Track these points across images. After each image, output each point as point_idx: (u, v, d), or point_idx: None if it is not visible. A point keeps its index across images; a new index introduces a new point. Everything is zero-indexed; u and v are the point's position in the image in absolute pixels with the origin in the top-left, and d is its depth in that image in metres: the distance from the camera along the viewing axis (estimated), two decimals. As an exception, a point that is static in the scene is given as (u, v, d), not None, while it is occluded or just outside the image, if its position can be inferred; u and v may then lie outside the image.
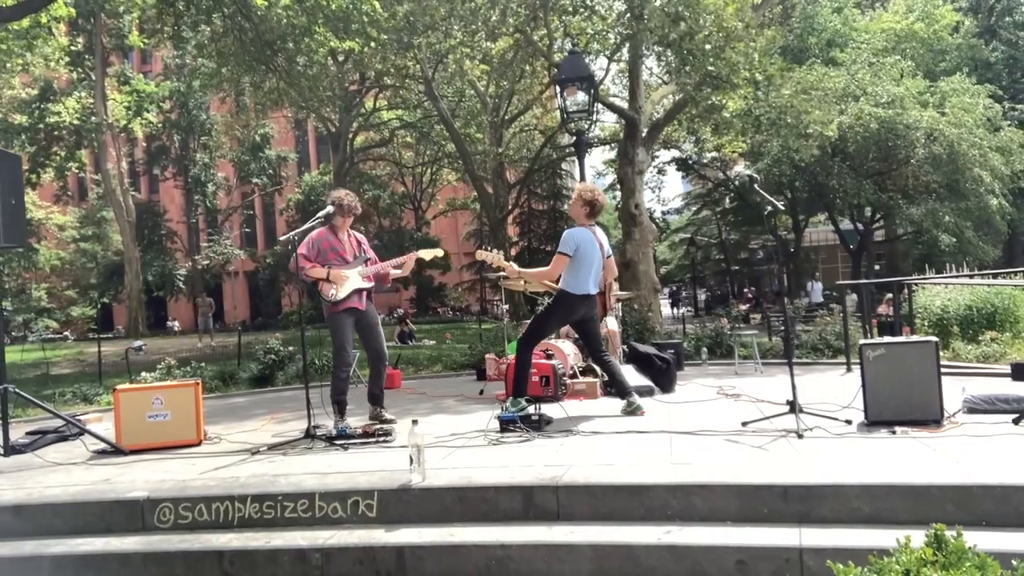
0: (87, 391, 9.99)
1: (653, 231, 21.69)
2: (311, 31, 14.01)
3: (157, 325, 37.83)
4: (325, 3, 13.23)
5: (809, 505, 3.36)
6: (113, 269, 36.83)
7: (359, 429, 5.19)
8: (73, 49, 26.08)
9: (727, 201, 36.14)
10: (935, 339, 4.61)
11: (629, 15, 12.44)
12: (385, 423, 5.49)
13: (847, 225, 29.10)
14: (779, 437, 4.34)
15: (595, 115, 10.31)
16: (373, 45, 15.18)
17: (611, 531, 3.41)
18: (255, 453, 4.88)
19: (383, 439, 5.02)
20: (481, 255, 6.19)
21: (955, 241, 22.92)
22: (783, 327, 9.55)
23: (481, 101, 23.27)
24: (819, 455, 3.90)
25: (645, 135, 14.31)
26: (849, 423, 4.54)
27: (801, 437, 4.28)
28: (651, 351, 7.25)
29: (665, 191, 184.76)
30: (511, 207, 28.24)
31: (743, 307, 25.16)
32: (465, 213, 39.91)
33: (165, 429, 5.32)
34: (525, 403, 5.40)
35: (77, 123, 28.10)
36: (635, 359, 7.19)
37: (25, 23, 15.61)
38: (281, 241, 6.36)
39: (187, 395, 5.42)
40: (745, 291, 38.50)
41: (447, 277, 38.66)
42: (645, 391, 6.33)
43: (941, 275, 13.05)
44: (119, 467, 4.78)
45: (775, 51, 16.21)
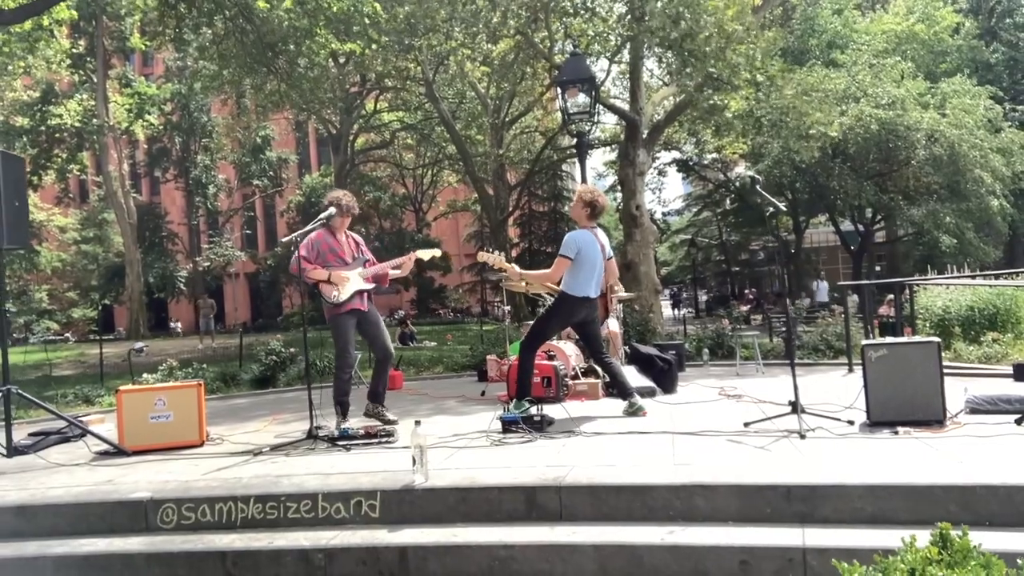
0: (89, 392, 9.99)
1: (654, 232, 21.71)
2: (312, 33, 14.02)
3: (158, 327, 37.81)
4: (327, 5, 13.25)
5: (812, 505, 3.36)
6: (114, 271, 36.83)
7: (361, 430, 5.18)
8: (75, 52, 26.17)
9: (728, 202, 36.13)
10: (937, 340, 4.62)
11: (630, 16, 12.46)
12: (387, 424, 5.50)
13: (848, 226, 29.12)
14: (781, 437, 4.35)
15: (596, 117, 10.31)
16: (374, 47, 15.23)
17: (614, 531, 3.41)
18: (257, 454, 4.89)
19: (385, 440, 5.02)
20: (482, 257, 6.21)
21: (956, 242, 22.88)
22: (784, 328, 9.56)
23: (482, 103, 23.27)
24: (821, 455, 3.90)
25: (646, 136, 14.32)
26: (851, 423, 4.54)
27: (803, 437, 4.28)
28: (653, 352, 7.25)
29: (666, 192, 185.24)
30: (512, 209, 28.24)
31: (744, 308, 25.16)
32: (466, 215, 39.92)
33: (168, 430, 5.32)
34: (528, 405, 5.41)
35: (79, 125, 28.13)
36: (637, 360, 7.20)
37: (27, 26, 15.64)
38: (282, 243, 6.36)
39: (190, 396, 5.42)
40: (746, 292, 38.52)
41: (448, 279, 38.67)
42: (647, 392, 6.34)
43: (942, 276, 13.03)
44: (122, 468, 4.78)
45: (776, 53, 16.18)
